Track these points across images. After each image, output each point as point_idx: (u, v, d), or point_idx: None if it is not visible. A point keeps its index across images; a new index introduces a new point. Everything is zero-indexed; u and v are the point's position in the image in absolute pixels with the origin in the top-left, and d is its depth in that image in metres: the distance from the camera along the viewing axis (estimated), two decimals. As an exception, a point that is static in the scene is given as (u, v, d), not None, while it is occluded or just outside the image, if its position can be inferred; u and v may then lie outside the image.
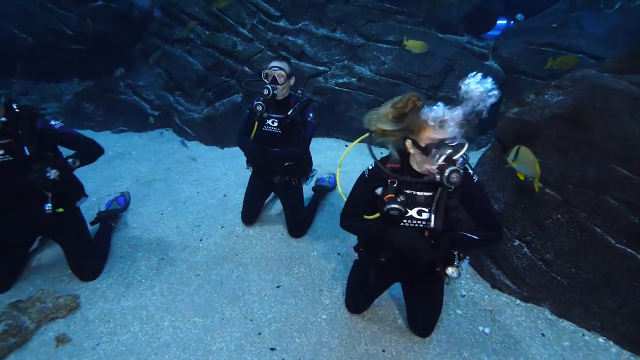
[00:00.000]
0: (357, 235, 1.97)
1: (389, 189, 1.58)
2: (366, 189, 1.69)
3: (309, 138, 2.66)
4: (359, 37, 4.94)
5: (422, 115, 1.45)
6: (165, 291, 2.41)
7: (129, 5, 5.60)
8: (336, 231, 3.05)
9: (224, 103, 4.96)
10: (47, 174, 2.01)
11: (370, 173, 1.70)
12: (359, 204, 1.76)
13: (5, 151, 2.03)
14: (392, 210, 1.53)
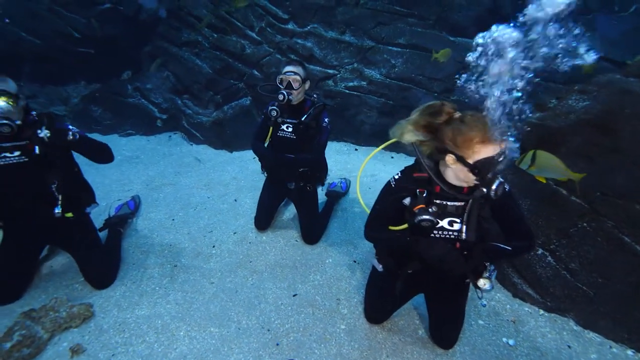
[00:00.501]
0: (383, 247, 1.90)
1: (418, 199, 1.53)
2: (393, 199, 1.64)
3: (323, 143, 2.62)
4: (368, 39, 4.90)
5: (471, 133, 1.38)
6: (180, 299, 2.37)
7: (137, 8, 5.58)
8: (350, 237, 3.01)
9: (232, 106, 4.92)
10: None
11: (397, 182, 1.65)
12: (385, 215, 1.71)
13: (21, 152, 2.06)
14: (423, 221, 1.48)
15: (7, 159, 2.06)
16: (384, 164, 4.40)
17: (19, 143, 2.06)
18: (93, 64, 5.56)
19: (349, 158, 4.59)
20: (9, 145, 2.05)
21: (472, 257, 1.53)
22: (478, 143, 1.38)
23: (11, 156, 2.06)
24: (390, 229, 1.70)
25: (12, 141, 2.05)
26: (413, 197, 1.57)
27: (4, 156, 2.04)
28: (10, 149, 2.05)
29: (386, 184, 1.71)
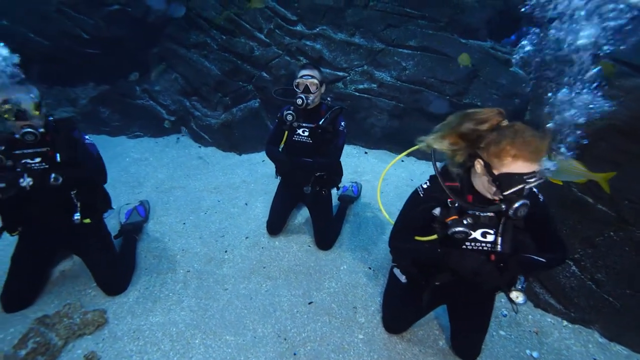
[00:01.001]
0: (409, 258, 1.83)
1: (451, 210, 1.48)
2: (421, 210, 1.59)
3: (340, 147, 2.58)
4: (378, 41, 4.86)
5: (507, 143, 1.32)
6: (194, 306, 2.34)
7: (145, 9, 5.56)
8: (364, 243, 2.96)
9: (240, 108, 4.89)
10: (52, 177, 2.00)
11: (426, 192, 1.60)
12: (412, 225, 1.66)
13: (41, 159, 2.07)
14: (457, 233, 1.44)
15: (29, 164, 2.05)
16: (394, 168, 4.35)
17: (40, 150, 2.07)
18: (101, 65, 5.54)
19: (359, 161, 4.55)
20: (30, 151, 2.05)
21: (507, 269, 1.48)
22: (510, 156, 1.33)
23: (32, 162, 2.06)
24: (417, 239, 1.66)
25: (34, 148, 2.06)
26: (444, 207, 1.52)
27: (24, 162, 2.04)
28: (31, 155, 2.05)
29: (413, 193, 1.66)
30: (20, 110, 1.96)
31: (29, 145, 2.04)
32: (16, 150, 2.04)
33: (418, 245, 1.64)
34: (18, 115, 1.96)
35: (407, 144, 4.83)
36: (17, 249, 2.28)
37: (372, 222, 3.24)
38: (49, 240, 2.30)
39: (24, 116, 1.97)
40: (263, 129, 4.98)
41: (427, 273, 1.72)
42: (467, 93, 4.26)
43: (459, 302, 1.87)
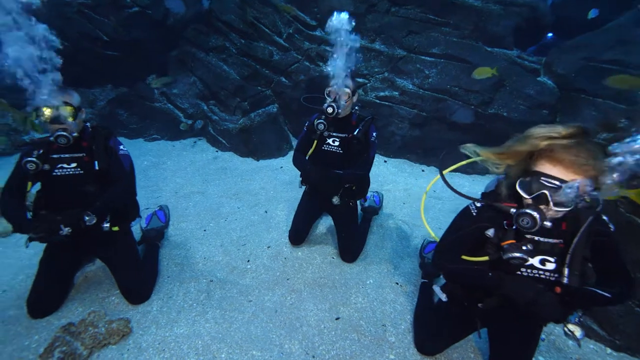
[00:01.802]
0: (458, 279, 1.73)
1: (508, 233, 1.41)
2: (473, 230, 1.52)
3: (372, 158, 2.52)
4: (399, 48, 4.80)
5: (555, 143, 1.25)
6: (219, 318, 2.29)
7: (164, 12, 5.57)
8: (389, 256, 2.89)
9: (259, 113, 4.87)
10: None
11: (480, 211, 1.52)
12: (461, 244, 1.58)
13: (77, 164, 2.09)
14: (513, 259, 1.36)
15: (64, 169, 2.08)
16: (416, 178, 4.27)
17: (76, 155, 2.09)
18: (120, 67, 5.56)
19: (379, 170, 4.48)
20: (67, 156, 2.07)
21: (570, 302, 1.39)
22: (548, 156, 1.25)
23: (68, 167, 2.08)
24: (464, 259, 1.58)
25: (70, 153, 2.07)
26: (499, 229, 1.44)
27: (60, 167, 2.07)
28: (67, 160, 2.05)
29: (464, 210, 1.58)
30: (56, 114, 1.96)
31: (66, 149, 2.05)
32: (54, 155, 2.05)
33: (468, 266, 1.56)
34: (53, 119, 1.96)
35: (428, 154, 4.76)
36: (46, 254, 2.27)
37: (397, 234, 3.17)
38: (78, 246, 2.27)
39: (59, 120, 1.97)
40: (281, 134, 4.95)
41: (471, 294, 1.64)
42: (493, 103, 4.17)
43: (503, 329, 1.78)
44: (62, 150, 2.06)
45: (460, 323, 1.87)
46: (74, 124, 2.04)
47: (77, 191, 2.11)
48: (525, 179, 1.33)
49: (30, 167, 1.99)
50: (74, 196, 2.10)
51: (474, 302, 1.64)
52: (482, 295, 1.59)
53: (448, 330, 1.88)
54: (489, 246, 1.47)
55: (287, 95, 4.94)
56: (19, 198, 2.09)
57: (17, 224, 2.00)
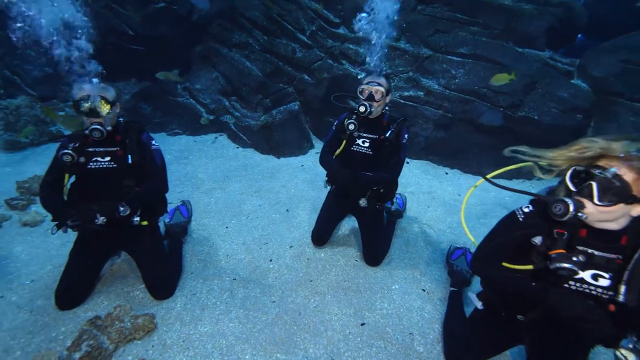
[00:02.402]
0: (498, 287, 1.64)
1: (557, 242, 1.32)
2: (518, 236, 1.43)
3: (403, 161, 2.44)
4: (425, 47, 4.68)
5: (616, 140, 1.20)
6: (242, 317, 2.26)
7: (190, 8, 5.60)
8: (415, 262, 2.81)
9: (280, 110, 4.83)
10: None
11: (527, 217, 1.43)
12: (503, 251, 1.49)
13: (111, 158, 2.11)
14: (562, 270, 1.28)
15: (98, 162, 2.11)
16: (440, 181, 4.16)
17: (110, 149, 2.11)
18: (144, 62, 5.62)
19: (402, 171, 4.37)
20: (101, 150, 2.09)
21: (624, 324, 1.30)
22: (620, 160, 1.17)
23: (102, 161, 2.10)
24: (505, 266, 1.49)
25: (105, 146, 2.09)
26: (548, 237, 1.36)
27: (95, 160, 2.08)
28: (102, 153, 2.07)
29: (510, 214, 1.50)
30: (92, 107, 1.97)
31: (101, 143, 2.06)
32: (89, 148, 2.07)
33: (509, 274, 1.47)
34: (90, 112, 1.98)
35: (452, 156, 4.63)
36: (76, 245, 2.30)
37: (421, 239, 3.08)
38: (107, 238, 2.29)
39: (96, 113, 1.99)
40: (302, 132, 4.90)
41: (510, 304, 1.55)
42: (523, 105, 4.02)
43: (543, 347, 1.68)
44: (97, 144, 2.08)
45: (496, 336, 1.78)
46: (108, 118, 2.05)
47: (110, 184, 2.13)
48: (579, 168, 1.25)
49: (67, 159, 2.01)
50: (106, 189, 2.12)
51: (512, 313, 1.56)
52: (522, 306, 1.50)
53: (482, 343, 1.80)
54: (535, 254, 1.38)
55: (309, 93, 4.90)
56: (57, 189, 2.12)
57: (55, 210, 2.03)
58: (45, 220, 3.13)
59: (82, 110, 1.99)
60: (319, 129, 5.14)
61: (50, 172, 2.16)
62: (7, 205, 3.25)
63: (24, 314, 2.20)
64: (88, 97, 2.00)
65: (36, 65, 5.79)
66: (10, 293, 2.37)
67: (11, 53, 5.84)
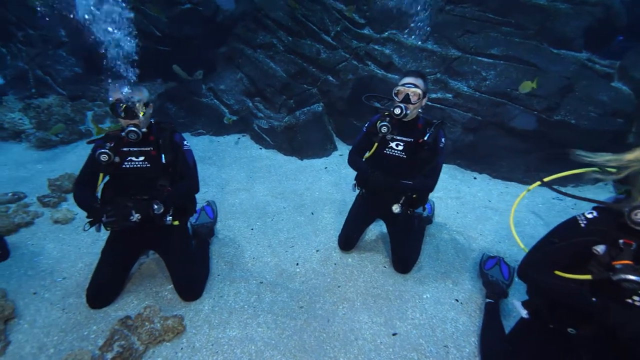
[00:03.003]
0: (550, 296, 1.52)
1: (624, 252, 1.21)
2: (579, 242, 1.33)
3: (441, 167, 2.35)
4: (454, 48, 4.55)
5: None
6: (271, 323, 2.22)
7: (215, 9, 5.65)
8: (446, 269, 2.71)
9: (304, 112, 4.80)
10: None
11: (590, 223, 1.33)
12: (558, 258, 1.39)
13: (145, 157, 2.13)
14: (627, 282, 1.17)
15: (133, 162, 2.13)
16: (468, 186, 4.02)
17: (144, 149, 2.13)
18: (170, 62, 5.70)
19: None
20: (136, 150, 2.12)
21: None
22: None
23: (136, 160, 2.13)
24: (558, 274, 1.38)
25: (139, 146, 2.12)
26: (612, 246, 1.25)
27: (130, 160, 2.12)
28: (136, 153, 2.09)
29: (571, 221, 1.39)
30: (129, 109, 1.98)
31: (135, 143, 2.09)
32: (124, 148, 2.09)
33: (563, 283, 1.36)
34: (127, 114, 1.99)
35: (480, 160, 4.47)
36: (108, 243, 2.32)
37: (452, 246, 2.97)
38: (139, 238, 2.31)
39: (133, 115, 2.00)
40: (325, 134, 4.85)
41: (560, 316, 1.44)
42: (559, 109, 3.84)
43: None
44: (131, 144, 2.11)
45: (541, 350, 1.67)
46: (143, 119, 2.06)
47: (143, 184, 2.14)
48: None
49: (104, 159, 2.03)
50: (140, 189, 2.14)
51: (562, 325, 1.45)
52: (574, 318, 1.39)
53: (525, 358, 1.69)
54: (595, 264, 1.28)
55: (334, 95, 4.84)
56: (91, 187, 2.14)
57: (90, 207, 2.04)
58: (75, 217, 3.19)
59: (118, 112, 2.01)
60: (342, 130, 5.07)
61: (84, 170, 2.18)
62: (39, 202, 3.33)
63: (57, 312, 2.23)
64: (124, 99, 2.01)
65: (67, 66, 5.97)
66: (43, 290, 2.40)
67: (43, 53, 6.04)
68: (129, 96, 2.03)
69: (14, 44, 6.13)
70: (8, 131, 4.69)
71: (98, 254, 2.69)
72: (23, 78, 5.71)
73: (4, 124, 4.68)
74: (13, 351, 1.98)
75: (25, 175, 3.98)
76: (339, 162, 4.56)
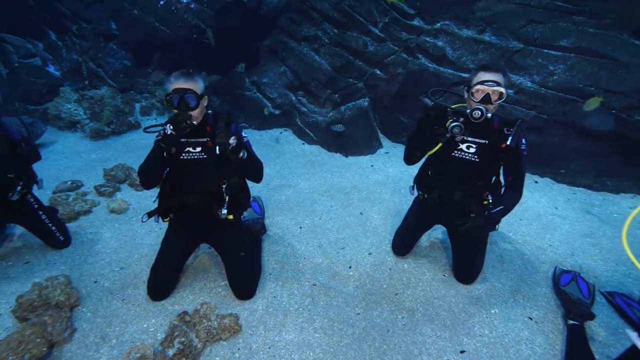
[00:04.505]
0: None
1: None
2: None
3: (524, 175, 2.13)
4: (515, 40, 4.19)
5: None
6: (327, 328, 2.12)
7: (259, 1, 5.59)
8: (514, 283, 2.48)
9: (349, 107, 4.64)
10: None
11: None
12: None
13: (201, 148, 2.09)
14: None
15: (190, 154, 2.10)
16: (530, 191, 3.71)
17: (201, 140, 2.09)
18: (214, 55, 5.73)
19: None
20: (192, 141, 2.09)
21: None
22: None
23: (194, 152, 2.10)
24: None
25: (195, 137, 2.08)
26: None
27: (187, 151, 2.10)
28: (193, 144, 2.08)
29: None
30: (183, 100, 1.93)
31: (192, 134, 2.05)
32: (181, 139, 2.06)
33: None
34: (180, 105, 1.94)
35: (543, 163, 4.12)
36: (166, 236, 2.33)
37: (518, 257, 2.73)
38: (196, 231, 2.30)
39: (187, 106, 1.94)
40: (371, 130, 4.68)
41: None
42: (642, 108, 3.43)
43: None
44: (188, 135, 2.05)
45: None
46: (198, 111, 2.01)
47: (202, 175, 2.11)
48: None
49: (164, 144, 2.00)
50: (199, 180, 2.12)
51: None
52: None
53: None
54: None
55: (381, 89, 4.64)
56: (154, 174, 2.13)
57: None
58: (129, 208, 3.26)
59: (174, 103, 1.96)
60: (387, 127, 4.87)
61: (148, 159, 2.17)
62: (96, 191, 3.44)
63: (117, 302, 2.26)
64: (180, 89, 1.95)
65: (117, 58, 6.17)
66: (103, 279, 2.45)
67: (96, 46, 6.28)
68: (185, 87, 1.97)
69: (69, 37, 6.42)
70: (65, 121, 4.91)
71: (152, 245, 2.74)
72: (77, 70, 5.97)
73: (61, 114, 4.90)
74: (79, 339, 2.01)
75: (81, 164, 4.13)
76: (385, 160, 4.38)
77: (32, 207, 2.54)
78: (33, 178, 2.50)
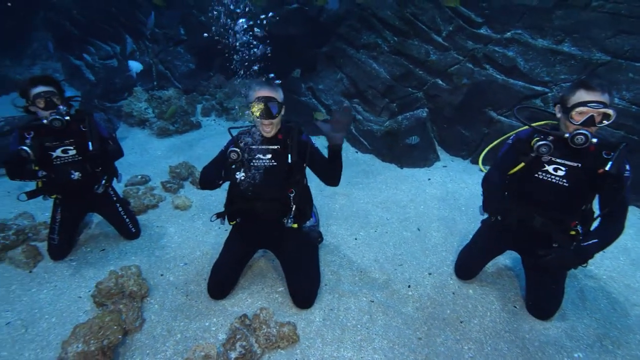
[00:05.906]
0: None
1: None
2: None
3: (628, 206, 1.89)
4: (599, 51, 3.82)
5: None
6: (387, 350, 2.02)
7: (319, 9, 5.65)
8: (600, 325, 2.20)
9: (407, 117, 4.50)
10: None
11: None
12: None
13: (272, 156, 2.11)
14: None
15: (260, 160, 2.13)
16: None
17: (272, 147, 2.12)
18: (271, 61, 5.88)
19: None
20: (264, 148, 2.12)
21: None
22: None
23: (264, 158, 2.12)
24: None
25: (267, 144, 2.12)
26: None
27: (258, 157, 2.13)
28: (264, 151, 2.11)
29: None
30: (266, 108, 1.96)
31: (264, 141, 2.10)
32: (253, 146, 2.10)
33: None
34: (263, 113, 1.97)
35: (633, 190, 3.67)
36: (230, 238, 2.38)
37: (603, 295, 2.43)
38: (259, 237, 2.33)
39: (270, 114, 1.97)
40: (428, 142, 4.50)
41: None
42: None
43: None
44: (261, 142, 2.09)
45: None
46: (278, 119, 2.03)
47: (272, 182, 2.12)
48: None
49: (233, 157, 2.05)
50: (267, 187, 2.13)
51: None
52: None
53: None
54: None
55: (442, 100, 4.46)
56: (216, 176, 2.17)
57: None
58: (192, 205, 3.40)
59: (256, 111, 1.99)
60: (445, 139, 4.66)
61: (214, 161, 2.24)
62: (162, 186, 3.64)
63: (181, 297, 2.34)
64: (264, 98, 1.99)
65: (183, 61, 6.58)
66: (169, 273, 2.56)
67: (165, 50, 6.74)
68: (269, 95, 2.01)
69: (142, 41, 6.97)
70: (136, 118, 5.30)
71: (213, 244, 2.83)
72: (148, 71, 6.44)
73: (133, 112, 5.31)
74: (147, 330, 2.11)
75: (148, 160, 4.43)
76: (443, 174, 4.17)
77: (112, 199, 2.73)
78: (115, 172, 2.69)
